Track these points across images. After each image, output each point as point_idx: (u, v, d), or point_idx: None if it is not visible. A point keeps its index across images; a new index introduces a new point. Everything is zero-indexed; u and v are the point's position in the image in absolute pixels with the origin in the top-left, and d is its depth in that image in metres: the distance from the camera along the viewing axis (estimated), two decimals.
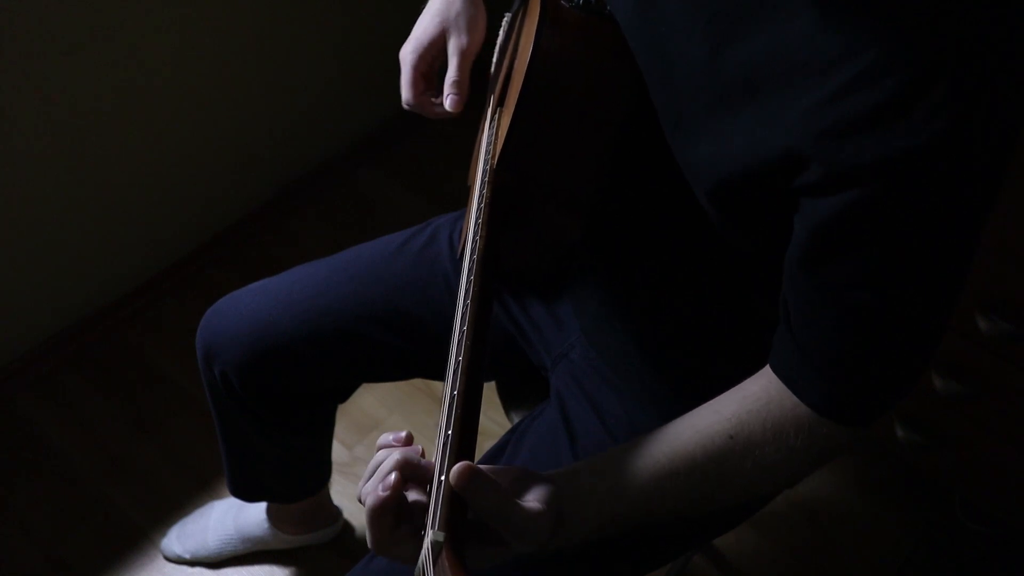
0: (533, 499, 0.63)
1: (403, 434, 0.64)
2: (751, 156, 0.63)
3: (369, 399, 1.67)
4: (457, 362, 0.62)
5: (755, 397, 0.70)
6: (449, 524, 0.53)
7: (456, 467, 0.55)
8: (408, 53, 0.89)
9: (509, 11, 1.04)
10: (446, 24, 0.88)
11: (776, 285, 0.69)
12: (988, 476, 1.40)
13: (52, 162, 1.50)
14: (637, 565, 0.92)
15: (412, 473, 0.61)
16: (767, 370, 0.71)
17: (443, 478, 0.55)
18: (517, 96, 0.74)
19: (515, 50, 0.88)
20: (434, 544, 0.52)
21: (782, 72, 0.60)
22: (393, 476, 0.59)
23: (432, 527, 0.53)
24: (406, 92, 0.90)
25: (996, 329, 1.19)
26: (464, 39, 0.88)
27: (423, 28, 0.89)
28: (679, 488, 0.69)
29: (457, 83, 0.86)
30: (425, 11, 0.91)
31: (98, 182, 1.59)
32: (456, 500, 0.55)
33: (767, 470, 0.69)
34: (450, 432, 0.58)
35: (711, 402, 0.72)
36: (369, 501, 0.59)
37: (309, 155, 1.98)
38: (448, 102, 0.86)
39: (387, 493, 0.59)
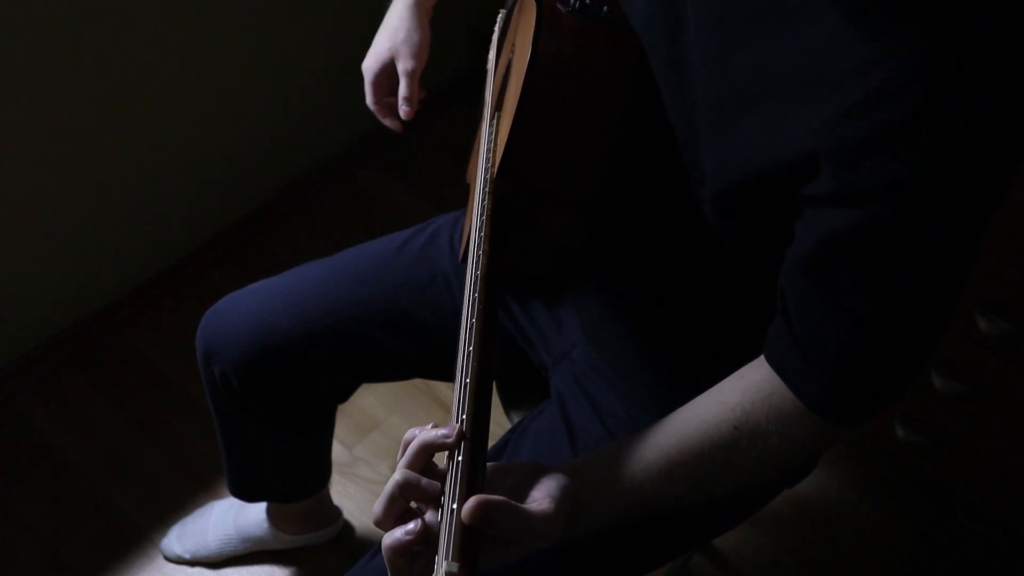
0: (543, 496, 0.62)
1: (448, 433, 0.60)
2: (756, 165, 0.63)
3: (369, 399, 1.67)
4: (464, 384, 0.61)
5: (758, 387, 0.70)
6: (463, 553, 0.52)
7: (469, 504, 0.54)
8: (367, 70, 1.06)
9: (504, 8, 1.05)
10: (394, 51, 1.04)
11: (775, 286, 0.69)
12: (988, 476, 1.40)
13: (52, 162, 1.50)
14: (637, 564, 0.92)
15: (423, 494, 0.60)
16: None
17: (454, 506, 0.55)
18: (516, 104, 0.74)
19: (511, 52, 0.88)
20: (449, 575, 0.51)
21: (794, 81, 0.60)
22: (414, 524, 0.59)
23: (446, 557, 0.52)
24: (368, 98, 1.08)
25: (996, 329, 1.19)
26: (411, 63, 1.02)
27: (377, 52, 1.05)
28: (687, 477, 0.70)
29: (407, 99, 1.03)
30: (381, 29, 1.06)
31: (98, 182, 1.59)
32: (469, 529, 0.54)
33: (770, 456, 0.70)
34: (460, 459, 0.57)
35: (713, 390, 0.73)
36: (387, 541, 0.58)
37: (309, 155, 1.98)
38: (401, 113, 1.04)
39: (410, 538, 0.58)
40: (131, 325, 1.77)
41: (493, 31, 1.07)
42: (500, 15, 1.05)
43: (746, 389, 0.71)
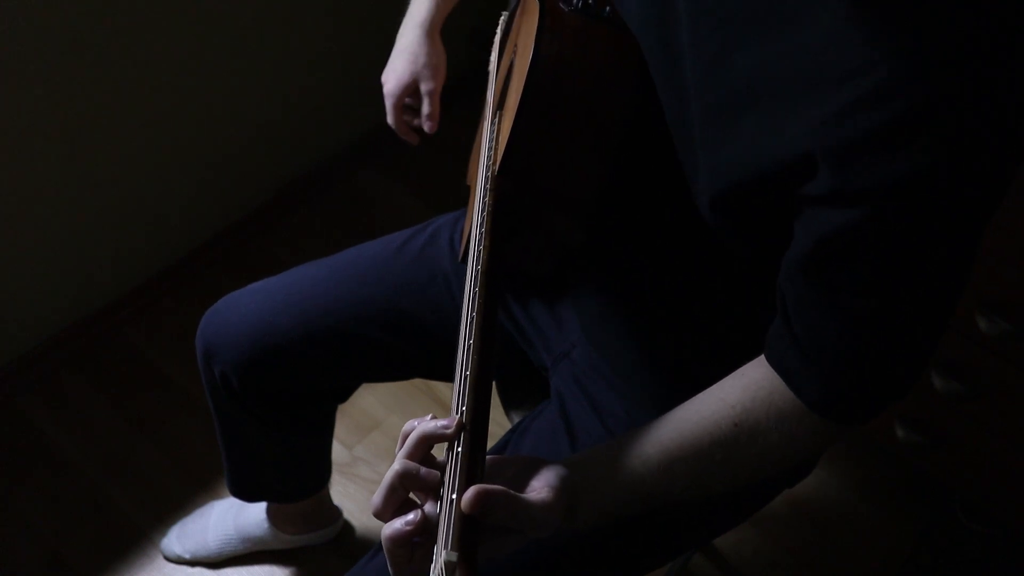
0: (542, 485, 0.63)
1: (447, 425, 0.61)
2: (756, 165, 0.63)
3: (369, 399, 1.67)
4: (464, 377, 0.61)
5: (758, 385, 0.71)
6: (462, 543, 0.52)
7: (468, 493, 0.54)
8: (390, 95, 1.12)
9: (507, 9, 1.05)
10: (415, 74, 1.10)
11: (775, 286, 0.70)
12: (988, 476, 1.40)
13: (52, 162, 1.50)
14: (637, 563, 0.92)
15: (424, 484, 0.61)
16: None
17: (454, 496, 0.55)
18: (517, 103, 0.74)
19: (513, 52, 0.88)
20: (447, 564, 0.51)
21: (794, 81, 0.60)
22: (414, 515, 0.59)
23: (445, 546, 0.52)
24: (391, 119, 1.14)
25: (996, 329, 1.19)
26: (431, 84, 1.10)
27: (399, 77, 1.10)
28: (687, 472, 0.70)
29: (430, 115, 1.11)
30: (397, 52, 1.11)
31: (98, 182, 1.59)
32: (468, 519, 0.54)
33: (770, 453, 0.71)
34: (459, 450, 0.57)
35: (714, 388, 0.73)
36: (387, 532, 0.59)
37: (309, 155, 1.98)
38: (426, 128, 1.11)
39: (409, 528, 0.58)
40: (131, 325, 1.76)
41: (495, 32, 1.08)
42: (503, 17, 1.06)
43: (747, 387, 0.71)
